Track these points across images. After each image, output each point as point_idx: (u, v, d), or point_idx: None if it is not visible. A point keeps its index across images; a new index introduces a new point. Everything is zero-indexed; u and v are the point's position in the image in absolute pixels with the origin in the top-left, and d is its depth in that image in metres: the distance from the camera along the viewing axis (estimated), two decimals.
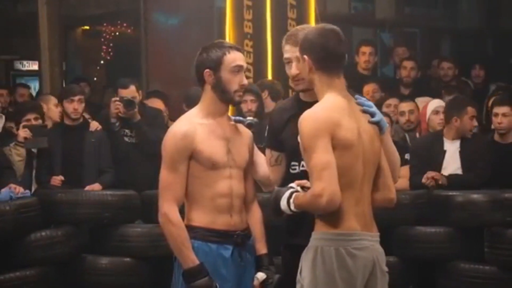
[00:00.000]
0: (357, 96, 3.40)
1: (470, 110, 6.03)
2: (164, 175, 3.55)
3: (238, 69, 3.57)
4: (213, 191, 3.55)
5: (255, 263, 3.69)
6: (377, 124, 3.36)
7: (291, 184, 3.34)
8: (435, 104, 6.63)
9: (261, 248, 3.71)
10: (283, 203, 3.28)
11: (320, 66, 3.30)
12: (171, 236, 3.51)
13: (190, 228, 3.57)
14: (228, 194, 3.57)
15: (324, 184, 3.11)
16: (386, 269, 3.34)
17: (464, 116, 5.98)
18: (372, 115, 3.36)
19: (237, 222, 3.60)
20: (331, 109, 3.22)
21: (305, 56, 3.32)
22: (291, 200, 3.26)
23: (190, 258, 3.48)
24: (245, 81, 3.61)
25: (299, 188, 3.30)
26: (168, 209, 3.50)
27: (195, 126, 3.56)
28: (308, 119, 3.20)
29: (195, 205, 3.58)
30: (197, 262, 3.47)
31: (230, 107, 3.79)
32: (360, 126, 3.27)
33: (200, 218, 3.56)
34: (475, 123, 6.10)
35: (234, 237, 3.58)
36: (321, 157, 3.13)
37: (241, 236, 3.61)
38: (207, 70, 3.57)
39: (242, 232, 3.62)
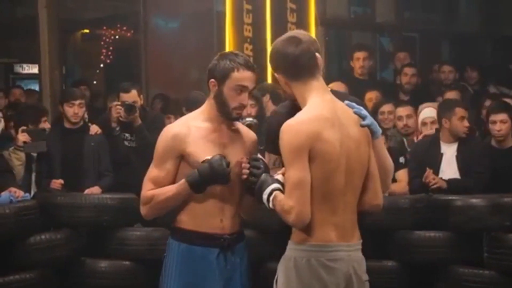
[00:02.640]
0: (346, 102, 3.33)
1: (459, 110, 6.01)
2: (151, 169, 3.63)
3: (242, 89, 3.52)
4: (204, 194, 3.54)
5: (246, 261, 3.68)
6: (369, 127, 3.30)
7: (277, 176, 3.29)
8: (424, 115, 6.59)
9: None
10: (264, 197, 3.26)
11: (291, 76, 3.25)
12: (155, 208, 3.59)
13: (176, 230, 3.60)
14: (219, 199, 3.57)
15: (292, 203, 3.11)
16: (365, 278, 3.31)
17: (452, 117, 5.98)
18: (363, 118, 3.29)
19: (227, 226, 3.59)
20: (312, 121, 3.16)
21: (275, 74, 3.31)
22: (271, 198, 3.23)
23: (179, 185, 3.51)
24: (246, 102, 3.56)
25: (282, 179, 3.25)
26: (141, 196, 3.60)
27: (189, 128, 3.57)
28: (288, 132, 3.14)
29: (185, 207, 3.58)
30: (184, 180, 3.50)
31: None
32: (345, 133, 3.21)
33: (188, 220, 3.57)
34: (466, 123, 6.04)
35: (220, 240, 3.56)
36: (295, 174, 3.11)
37: (228, 239, 3.58)
38: (212, 80, 3.55)
39: (230, 235, 3.59)
